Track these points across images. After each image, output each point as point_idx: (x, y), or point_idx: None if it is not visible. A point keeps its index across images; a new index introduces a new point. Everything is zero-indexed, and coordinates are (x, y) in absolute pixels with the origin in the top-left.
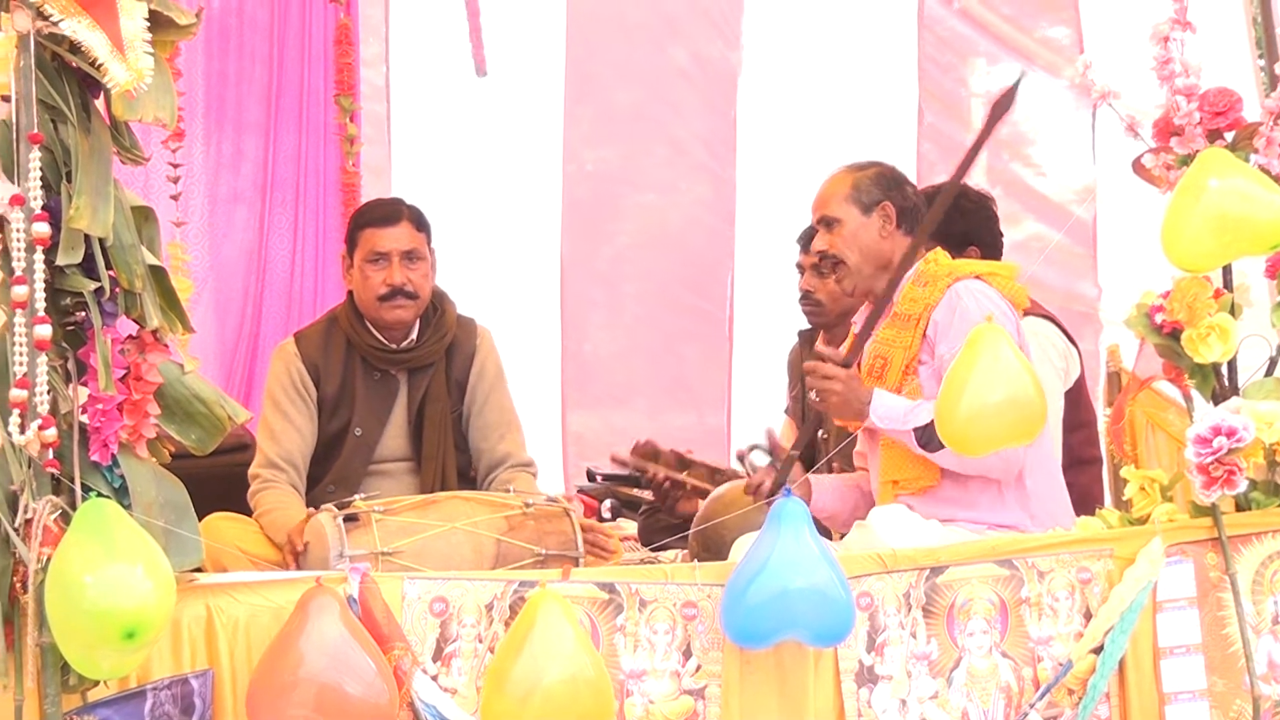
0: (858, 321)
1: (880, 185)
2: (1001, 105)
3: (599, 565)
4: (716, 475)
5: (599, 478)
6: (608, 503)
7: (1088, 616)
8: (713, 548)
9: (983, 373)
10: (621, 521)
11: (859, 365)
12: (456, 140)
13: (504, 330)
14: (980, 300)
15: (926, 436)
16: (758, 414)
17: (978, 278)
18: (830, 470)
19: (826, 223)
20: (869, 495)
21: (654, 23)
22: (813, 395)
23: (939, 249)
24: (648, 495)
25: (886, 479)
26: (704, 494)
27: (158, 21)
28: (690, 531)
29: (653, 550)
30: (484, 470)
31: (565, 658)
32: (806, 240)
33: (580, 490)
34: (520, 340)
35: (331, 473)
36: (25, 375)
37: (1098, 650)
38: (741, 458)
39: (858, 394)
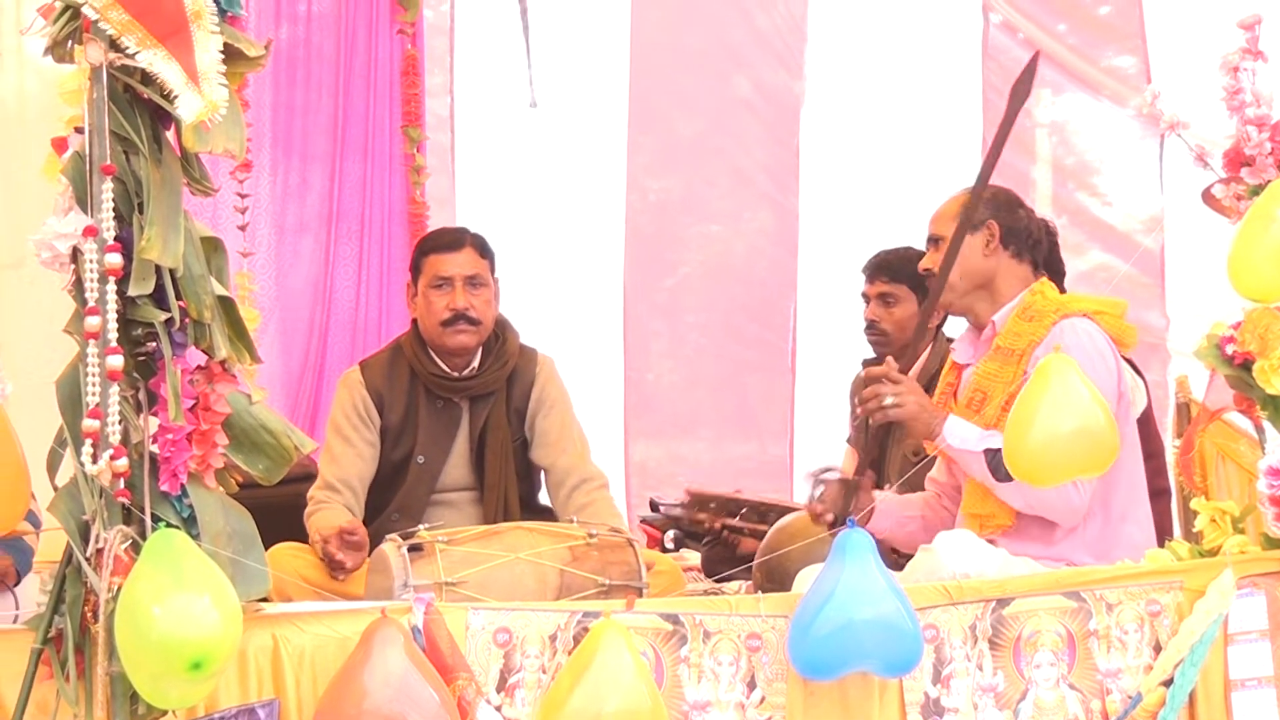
0: (955, 347)
1: (990, 205)
2: (1021, 88)
3: None
4: (769, 514)
5: (662, 508)
6: (671, 533)
7: (1157, 649)
8: (777, 578)
9: (1053, 402)
10: (685, 552)
11: (955, 394)
12: (520, 170)
13: (567, 360)
14: (1084, 339)
15: (997, 463)
16: (821, 444)
17: (1085, 316)
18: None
19: (935, 241)
20: (931, 519)
21: (716, 53)
22: (878, 413)
23: (1046, 280)
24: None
25: (969, 513)
26: (760, 534)
27: (228, 53)
28: (754, 562)
29: (716, 581)
30: (553, 488)
31: (624, 689)
32: (871, 270)
33: (643, 520)
34: (583, 370)
35: (395, 501)
36: (98, 405)
37: (1167, 683)
38: (814, 479)
39: (926, 406)
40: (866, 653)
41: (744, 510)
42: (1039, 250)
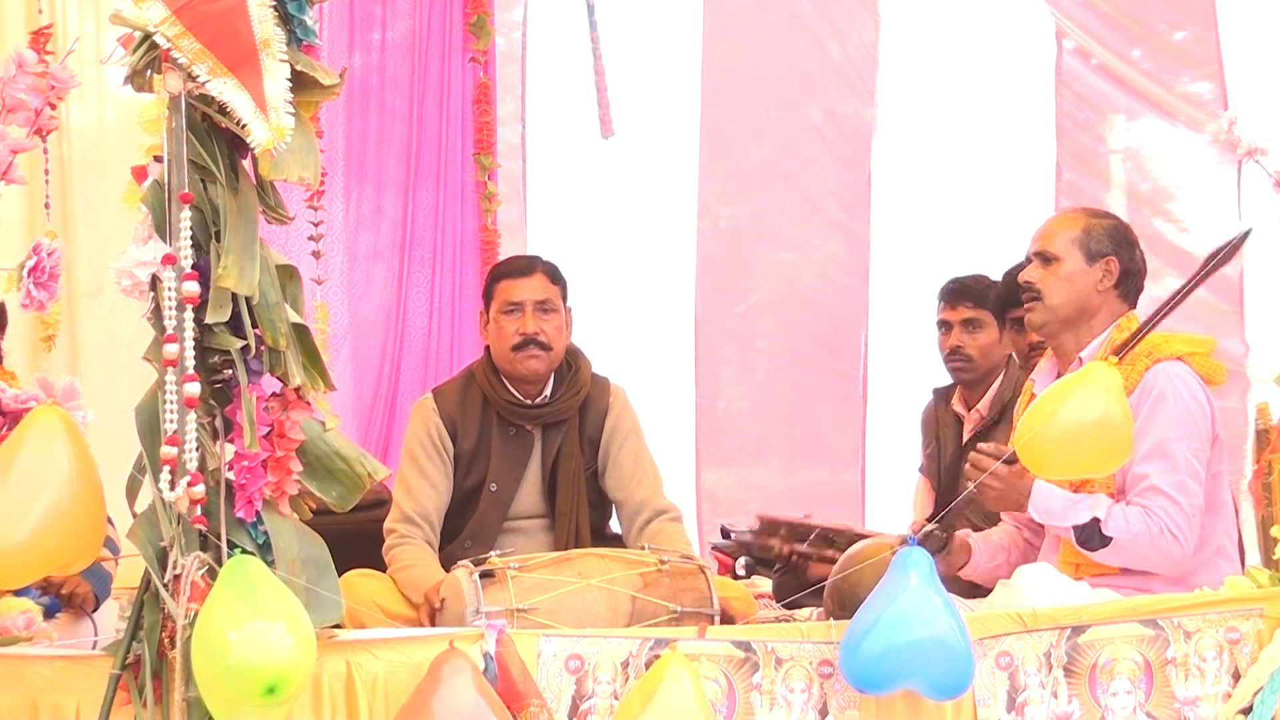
0: (1036, 379)
1: (1113, 239)
2: (1220, 256)
3: None
4: (838, 539)
5: (733, 535)
6: (742, 560)
7: (1236, 677)
8: (848, 605)
9: (1081, 398)
10: (756, 579)
11: None
12: (591, 198)
13: (638, 387)
14: (1178, 385)
15: (1086, 535)
16: (892, 471)
17: (1178, 359)
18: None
19: (1044, 257)
20: (1017, 559)
21: (787, 80)
22: (970, 486)
23: (1133, 314)
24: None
25: (1067, 560)
26: (829, 560)
27: (303, 82)
28: (826, 582)
29: (787, 608)
30: (625, 520)
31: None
32: (954, 296)
33: (715, 547)
34: (655, 397)
35: (467, 528)
36: (176, 432)
37: (1246, 711)
38: (917, 532)
39: (1017, 489)
40: (916, 671)
41: (813, 536)
42: (1139, 291)
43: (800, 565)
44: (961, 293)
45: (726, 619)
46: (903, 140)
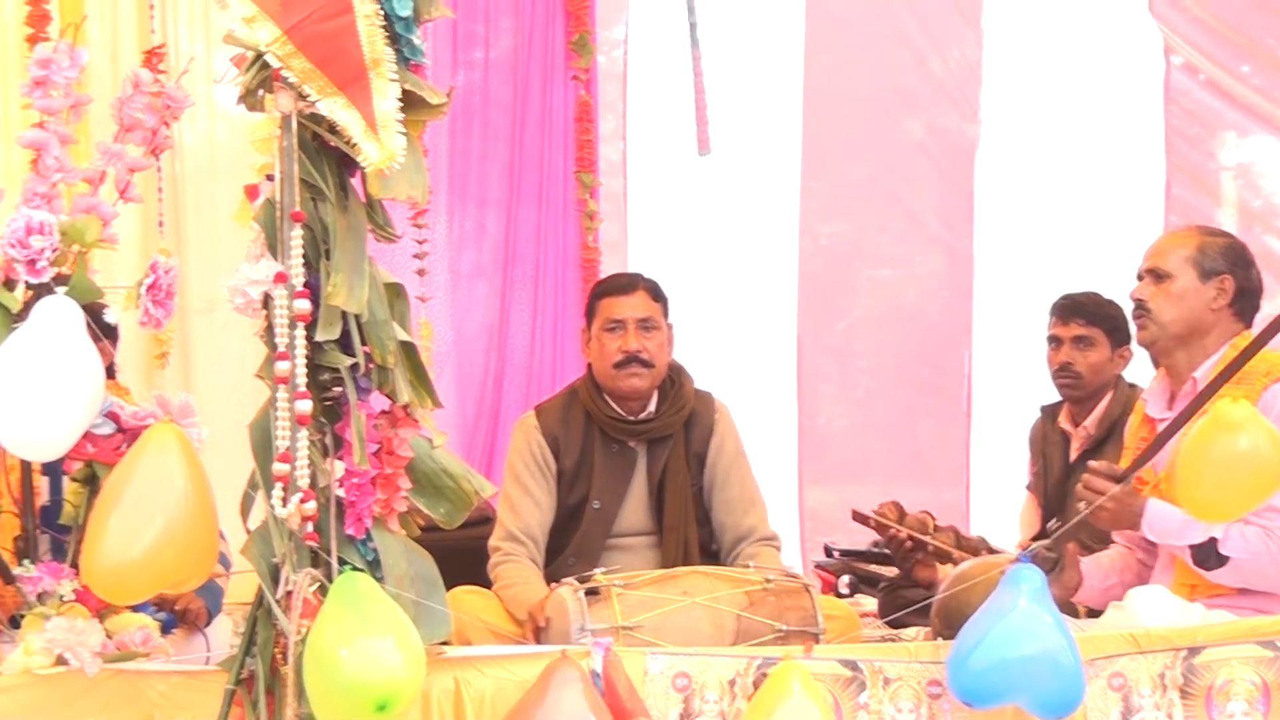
0: (1147, 399)
1: (1228, 257)
2: None
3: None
4: (961, 541)
5: (836, 553)
6: (845, 578)
7: None
8: (956, 624)
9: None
10: (860, 597)
11: (1139, 478)
12: (692, 215)
13: (740, 404)
14: None
15: (1203, 554)
16: (998, 489)
17: None
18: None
19: (1156, 275)
20: (1131, 580)
21: (888, 97)
22: (1082, 505)
23: (1248, 334)
24: (887, 571)
25: (1182, 581)
26: (945, 557)
27: (410, 101)
28: (934, 599)
29: (893, 627)
30: (728, 545)
31: None
32: (1066, 312)
33: (818, 566)
34: (757, 415)
35: (571, 545)
36: (288, 449)
37: None
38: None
39: (1130, 509)
40: (1024, 688)
41: (936, 533)
42: (1256, 310)
43: (912, 555)
44: (1074, 309)
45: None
46: (1007, 156)
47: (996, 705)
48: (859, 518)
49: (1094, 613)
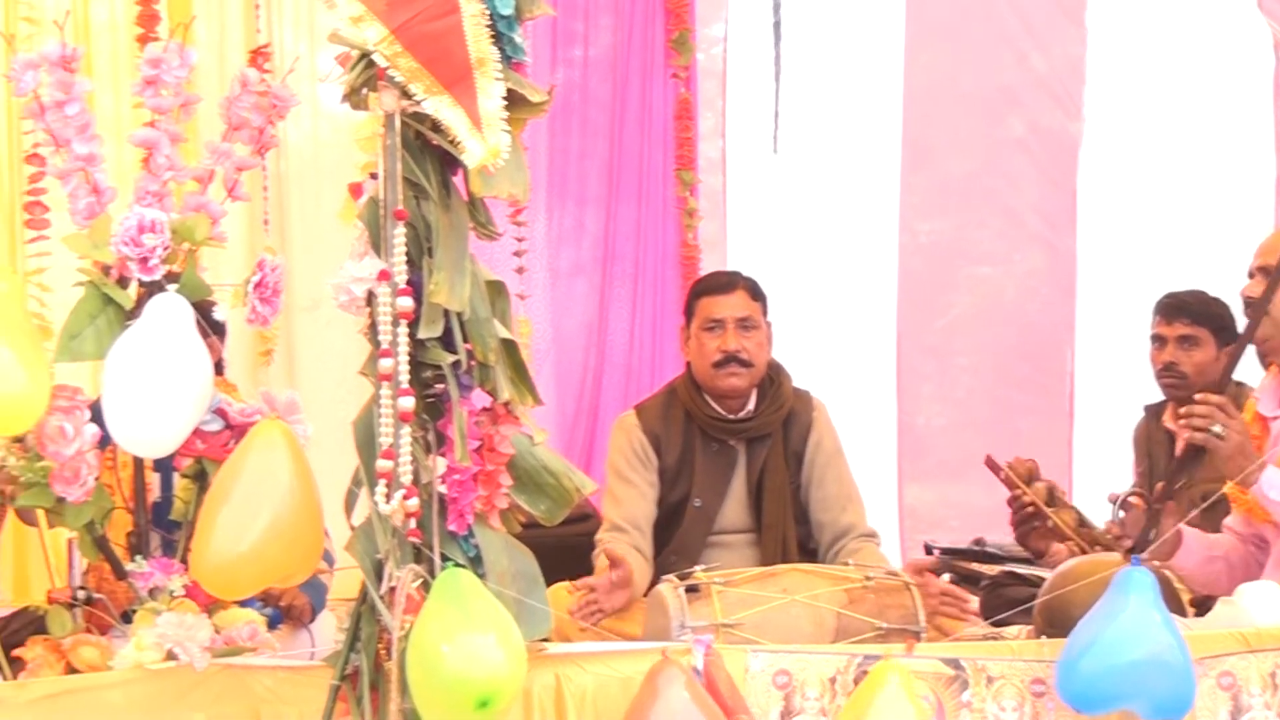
0: (1259, 397)
1: None
2: None
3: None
4: (1082, 527)
5: (936, 551)
6: (945, 576)
7: None
8: (1059, 624)
9: None
10: None
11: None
12: (790, 213)
13: (839, 403)
14: None
15: None
16: (1101, 489)
17: None
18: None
19: (1267, 272)
20: (1236, 563)
21: (990, 94)
22: (1200, 435)
23: None
24: (988, 569)
25: None
26: (1061, 536)
27: (511, 99)
28: (1038, 599)
29: (995, 625)
30: (827, 542)
31: None
32: (1171, 311)
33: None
34: (856, 413)
35: (672, 543)
36: (391, 446)
37: None
38: (1117, 502)
39: (1249, 449)
40: (1136, 692)
41: (1062, 509)
42: None
43: (1029, 522)
44: (1179, 308)
45: None
46: (1112, 154)
47: (1108, 711)
48: (991, 465)
49: (1201, 611)
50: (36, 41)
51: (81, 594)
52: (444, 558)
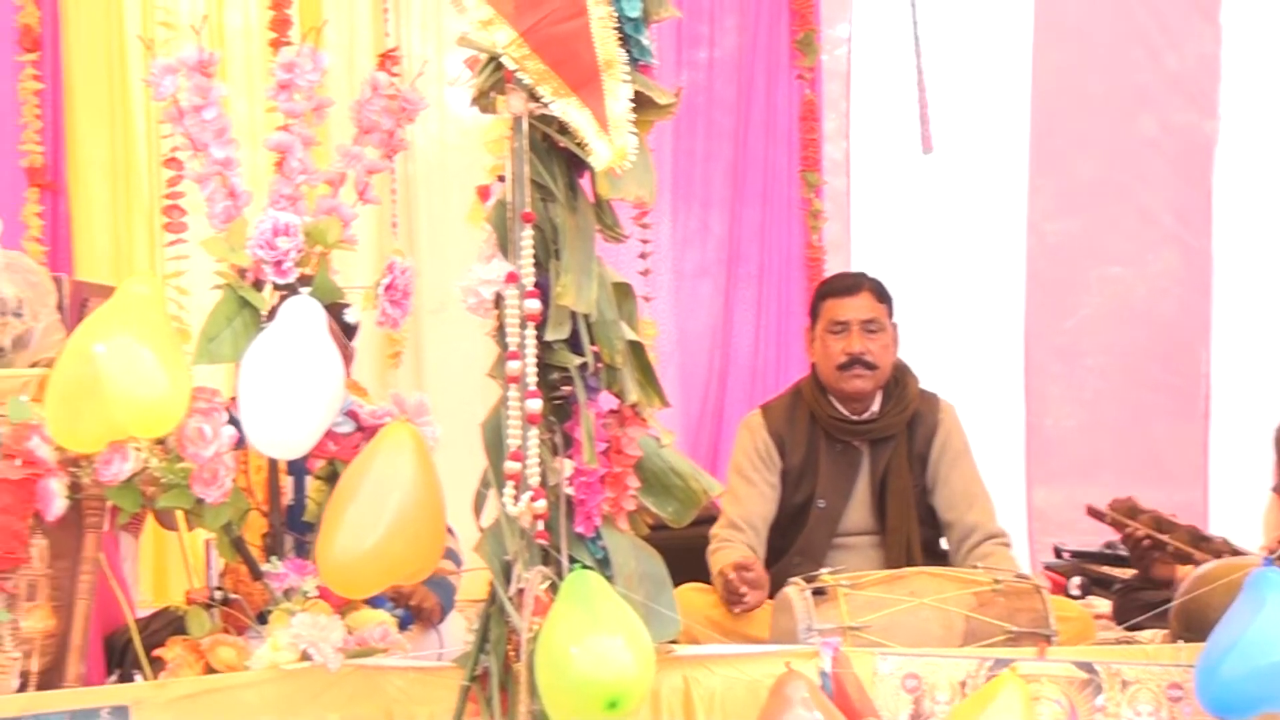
0: None
1: None
2: None
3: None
4: (1200, 541)
5: (1067, 554)
6: (1076, 580)
7: None
8: (1196, 628)
9: None
10: (1092, 599)
11: None
12: (916, 214)
13: (966, 404)
14: None
15: None
16: (1239, 491)
17: None
18: None
19: None
20: None
21: (1121, 94)
22: None
23: None
24: (1121, 573)
25: None
26: (1184, 558)
27: (639, 101)
28: (1174, 601)
29: (1128, 629)
30: (954, 542)
31: None
32: None
33: (1047, 567)
34: (983, 415)
35: (797, 545)
36: (519, 448)
37: None
38: None
39: None
40: (1278, 695)
41: (1174, 531)
42: None
43: (1150, 554)
44: None
45: None
46: (1249, 153)
47: (1249, 715)
48: (1094, 513)
49: None
50: (173, 46)
51: (218, 595)
52: (572, 560)
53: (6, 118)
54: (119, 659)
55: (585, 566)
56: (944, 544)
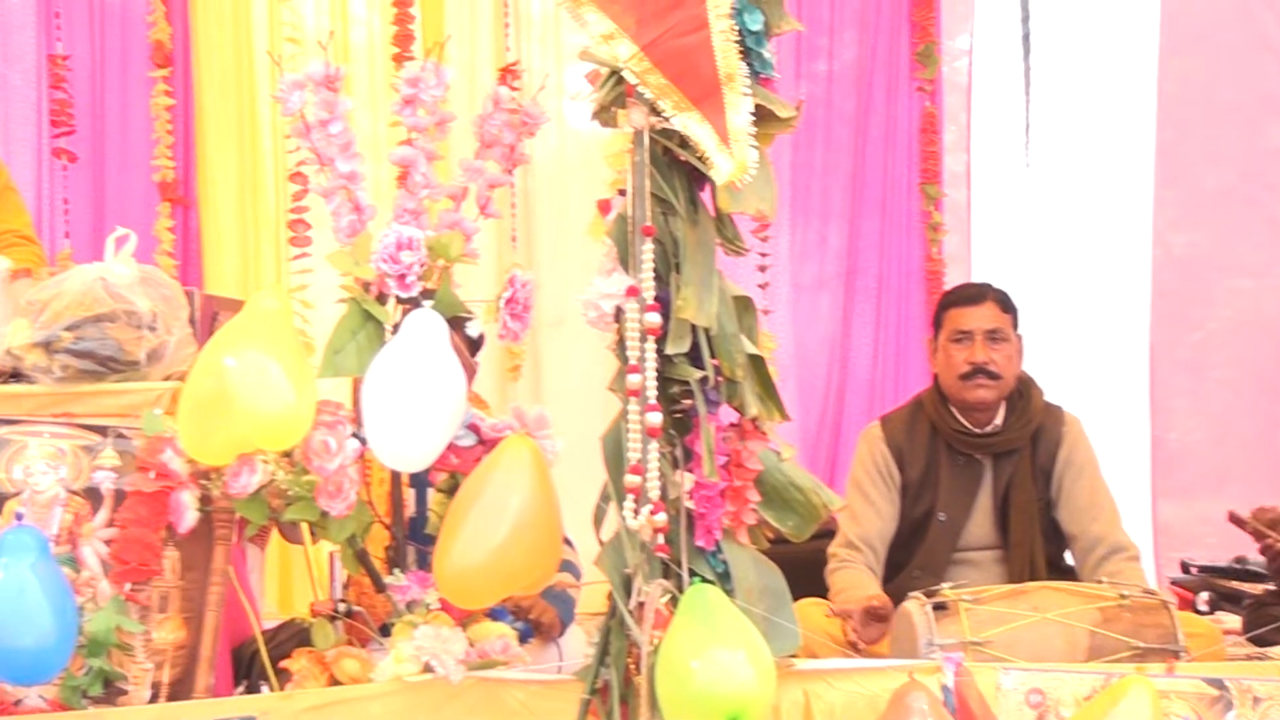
0: None
1: None
2: None
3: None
4: None
5: (1194, 569)
6: (1204, 595)
7: None
8: None
9: None
10: (1221, 615)
11: None
12: (1036, 226)
13: (1090, 418)
14: None
15: None
16: None
17: None
18: None
19: None
20: None
21: (1249, 103)
22: None
23: None
24: (1251, 588)
25: None
26: None
27: (760, 114)
28: None
29: (1259, 645)
30: (1080, 555)
31: None
32: None
33: (1173, 582)
34: (1108, 428)
35: (916, 559)
36: (639, 461)
37: None
38: None
39: None
40: None
41: None
42: None
43: None
44: None
45: None
46: None
47: None
48: (1235, 520)
49: None
50: (298, 62)
51: (342, 607)
52: (692, 573)
53: (139, 133)
54: (246, 670)
55: (705, 580)
56: (1069, 558)
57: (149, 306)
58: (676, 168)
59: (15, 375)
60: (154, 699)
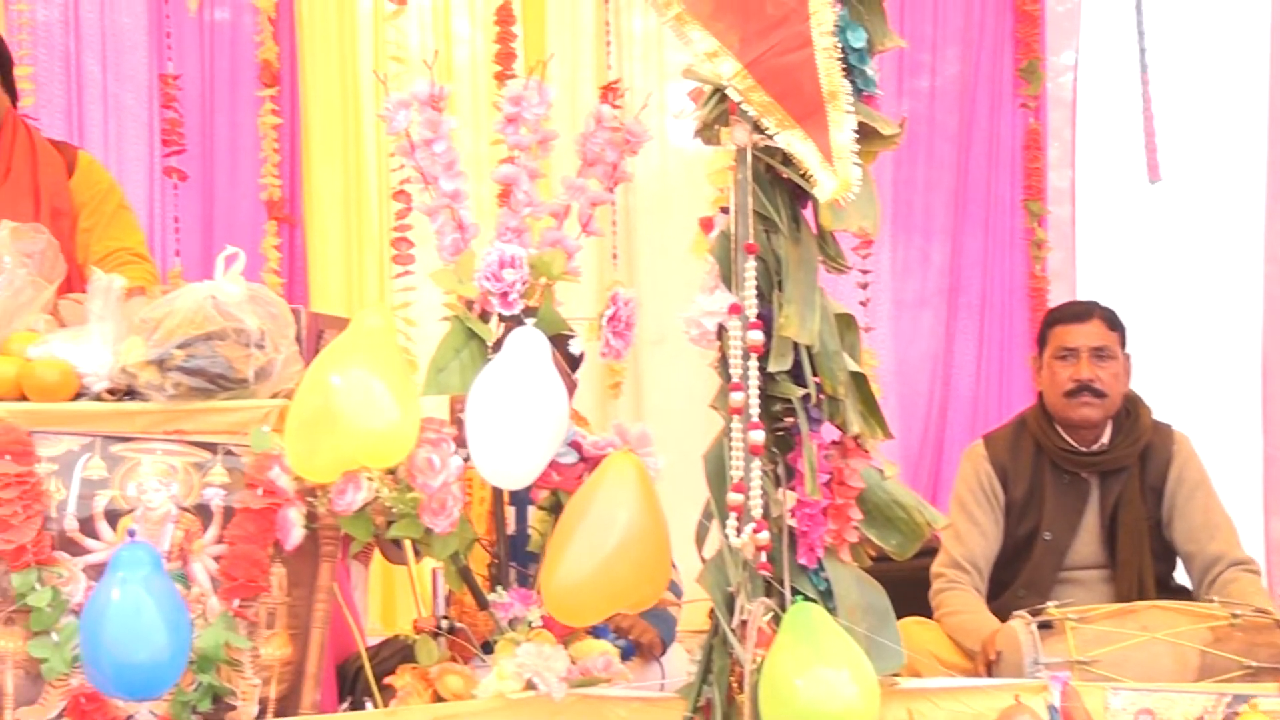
0: None
1: None
2: None
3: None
4: None
5: None
6: None
7: None
8: None
9: None
10: None
11: None
12: (1143, 243)
13: (1201, 435)
14: None
15: None
16: None
17: None
18: None
19: None
20: None
21: None
22: None
23: None
24: None
25: None
26: None
27: (863, 132)
28: None
29: None
30: (1197, 574)
31: None
32: None
33: None
34: (1218, 446)
35: (1021, 577)
36: (741, 479)
37: None
38: None
39: None
40: None
41: None
42: None
43: None
44: None
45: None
46: None
47: None
48: None
49: None
50: (403, 81)
51: (445, 624)
52: (794, 591)
53: (247, 151)
54: (350, 686)
55: (808, 598)
56: (1178, 578)
57: (257, 324)
58: (779, 185)
59: (130, 393)
60: (261, 715)
